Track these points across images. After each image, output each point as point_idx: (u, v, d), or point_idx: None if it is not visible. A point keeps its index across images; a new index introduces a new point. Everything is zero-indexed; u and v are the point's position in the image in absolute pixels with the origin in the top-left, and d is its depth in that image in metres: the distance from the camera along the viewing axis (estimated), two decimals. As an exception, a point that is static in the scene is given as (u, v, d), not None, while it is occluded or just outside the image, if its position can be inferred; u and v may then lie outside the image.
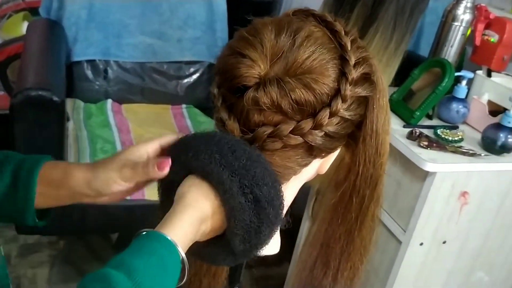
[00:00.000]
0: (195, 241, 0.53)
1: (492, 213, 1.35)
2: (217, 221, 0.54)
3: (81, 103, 2.25)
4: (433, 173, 1.21)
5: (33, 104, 1.47)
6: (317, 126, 0.55)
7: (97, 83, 2.30)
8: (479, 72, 1.49)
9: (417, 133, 1.29)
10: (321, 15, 0.60)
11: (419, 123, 1.40)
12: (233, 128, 0.57)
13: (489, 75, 1.47)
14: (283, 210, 0.55)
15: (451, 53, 1.53)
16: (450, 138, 1.32)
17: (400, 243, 1.32)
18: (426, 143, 1.26)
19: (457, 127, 1.41)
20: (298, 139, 0.55)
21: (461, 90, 1.41)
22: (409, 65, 1.49)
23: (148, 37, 2.32)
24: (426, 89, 1.44)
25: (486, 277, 1.48)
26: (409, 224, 1.29)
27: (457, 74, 1.41)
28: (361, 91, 0.57)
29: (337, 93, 0.55)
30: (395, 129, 1.35)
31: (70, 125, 2.06)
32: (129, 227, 1.79)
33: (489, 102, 1.44)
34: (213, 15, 2.37)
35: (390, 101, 1.49)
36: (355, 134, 0.61)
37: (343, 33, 0.58)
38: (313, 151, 0.58)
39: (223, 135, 0.55)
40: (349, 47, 0.57)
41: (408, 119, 1.39)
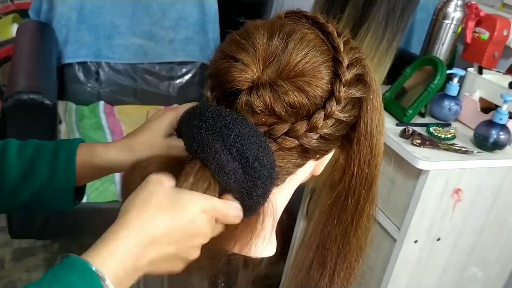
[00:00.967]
0: None
1: (485, 209, 1.36)
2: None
3: (73, 106, 2.24)
4: (426, 171, 1.21)
5: (25, 107, 1.47)
6: (312, 128, 0.55)
7: (89, 85, 2.29)
8: (471, 69, 1.50)
9: (410, 131, 1.29)
10: (314, 17, 0.60)
11: (412, 121, 1.41)
12: None
13: (480, 72, 1.47)
14: (275, 169, 0.55)
15: (442, 51, 1.54)
16: (442, 135, 1.33)
17: (394, 240, 1.33)
18: (419, 141, 1.26)
19: (449, 125, 1.41)
20: (293, 142, 0.55)
21: (453, 87, 1.42)
22: (401, 63, 1.49)
23: (139, 38, 2.32)
24: (418, 87, 1.45)
25: (480, 272, 1.49)
26: (403, 221, 1.29)
27: (448, 71, 1.41)
28: (355, 93, 0.57)
29: (331, 95, 0.55)
30: (388, 127, 1.36)
31: (62, 128, 2.05)
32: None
33: (481, 99, 1.45)
34: (205, 16, 2.37)
35: (382, 99, 1.51)
36: (349, 135, 0.61)
37: (336, 34, 0.58)
38: (308, 153, 0.58)
39: (204, 107, 0.55)
40: (342, 49, 0.57)
41: (400, 118, 1.40)
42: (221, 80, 0.56)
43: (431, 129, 1.35)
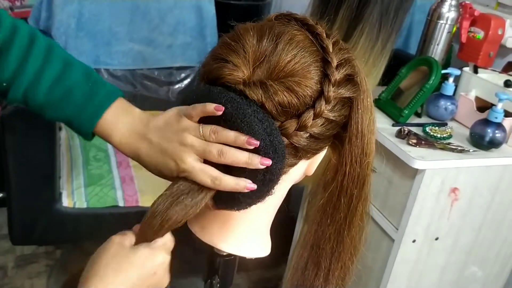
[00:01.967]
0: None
1: (483, 208, 1.36)
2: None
3: (73, 112, 2.25)
4: (423, 171, 1.22)
5: (24, 115, 1.48)
6: (302, 127, 0.56)
7: (89, 91, 2.30)
8: (466, 68, 1.51)
9: (406, 131, 1.30)
10: (303, 19, 0.61)
11: (408, 121, 1.41)
12: None
13: (476, 72, 1.48)
14: (285, 149, 0.56)
15: (437, 51, 1.55)
16: (438, 135, 1.33)
17: (392, 241, 1.33)
18: (415, 141, 1.27)
19: (445, 124, 1.42)
20: (283, 140, 0.56)
21: (449, 87, 1.43)
22: (398, 63, 1.50)
23: (137, 44, 2.33)
24: (414, 88, 1.46)
25: (479, 272, 1.49)
26: (401, 221, 1.30)
27: (444, 71, 1.42)
28: (345, 92, 0.58)
29: (320, 94, 0.56)
30: (384, 128, 1.36)
31: (62, 134, 2.06)
32: (124, 234, 1.79)
33: (477, 98, 1.45)
34: (203, 21, 2.38)
35: (378, 100, 1.52)
36: (340, 135, 0.62)
37: (325, 35, 0.58)
38: (299, 152, 0.59)
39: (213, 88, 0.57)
40: (331, 49, 0.57)
41: (396, 118, 1.41)
42: (212, 77, 0.57)
43: (427, 129, 1.35)
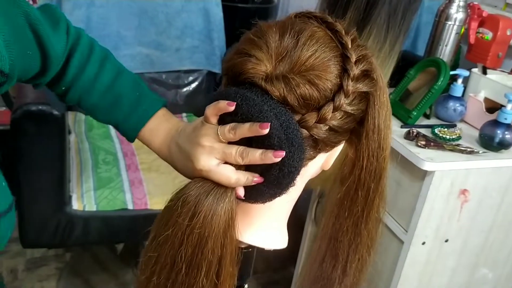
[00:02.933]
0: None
1: (493, 209, 1.35)
2: None
3: (82, 116, 2.27)
4: (432, 172, 1.21)
5: (34, 118, 1.49)
6: (321, 120, 0.58)
7: (97, 95, 2.32)
8: (475, 70, 1.50)
9: (415, 133, 1.30)
10: (323, 17, 0.63)
11: (417, 123, 1.41)
12: None
13: (485, 73, 1.47)
14: (303, 140, 0.58)
15: (446, 52, 1.54)
16: (447, 136, 1.33)
17: (402, 243, 1.33)
18: (423, 143, 1.26)
19: (454, 126, 1.41)
20: (303, 132, 0.58)
21: (457, 88, 1.42)
22: (407, 65, 1.50)
23: (145, 48, 2.34)
24: (422, 89, 1.45)
25: (490, 273, 1.48)
26: (410, 223, 1.29)
27: (452, 72, 1.42)
28: (362, 87, 0.60)
29: (339, 88, 0.58)
30: (392, 129, 1.36)
31: (72, 138, 2.08)
32: (134, 237, 1.80)
33: (486, 99, 1.45)
34: (210, 24, 2.39)
35: (387, 102, 1.51)
36: (357, 130, 0.64)
37: (344, 32, 0.61)
38: (318, 145, 0.61)
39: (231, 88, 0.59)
40: (350, 45, 0.60)
41: (405, 120, 1.40)
42: (236, 72, 0.59)
43: (436, 130, 1.35)
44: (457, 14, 1.50)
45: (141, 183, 1.86)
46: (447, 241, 1.34)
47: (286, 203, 0.67)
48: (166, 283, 0.58)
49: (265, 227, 0.66)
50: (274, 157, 0.55)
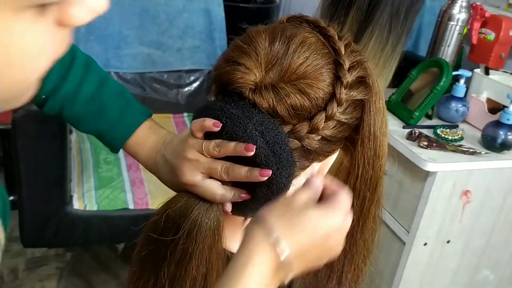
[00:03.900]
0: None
1: (495, 210, 1.35)
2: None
3: (83, 115, 2.26)
4: (434, 173, 1.21)
5: (34, 118, 1.49)
6: (313, 129, 0.56)
7: (99, 95, 2.32)
8: (477, 70, 1.50)
9: (417, 134, 1.29)
10: (315, 21, 0.61)
11: (419, 123, 1.40)
12: None
13: (487, 73, 1.47)
14: (293, 154, 0.56)
15: (448, 52, 1.54)
16: (450, 137, 1.32)
17: (404, 243, 1.32)
18: (426, 143, 1.26)
19: (457, 126, 1.41)
20: (295, 143, 0.56)
21: (460, 89, 1.42)
22: (409, 65, 1.49)
23: (147, 48, 2.34)
24: (424, 89, 1.45)
25: (491, 275, 1.48)
26: (412, 224, 1.29)
27: (454, 73, 1.41)
28: (357, 95, 0.58)
29: (332, 97, 0.56)
30: (394, 130, 1.36)
31: (73, 138, 2.07)
32: (134, 237, 1.80)
33: (488, 100, 1.44)
34: (211, 24, 2.39)
35: (389, 102, 1.51)
36: (352, 137, 0.61)
37: (337, 38, 0.58)
38: (311, 155, 0.59)
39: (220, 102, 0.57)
40: (343, 52, 0.57)
41: (407, 120, 1.40)
42: (224, 82, 0.57)
43: (438, 131, 1.34)
44: (459, 14, 1.50)
45: (142, 183, 1.86)
46: (448, 242, 1.34)
47: None
48: None
49: None
50: (260, 176, 0.53)
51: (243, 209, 0.58)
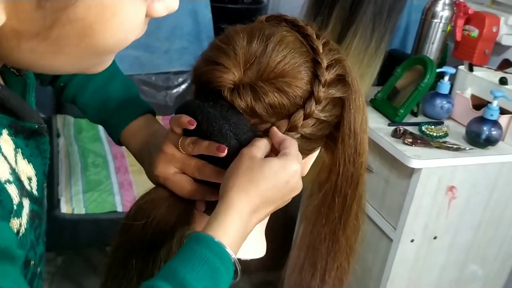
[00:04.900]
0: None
1: (481, 206, 1.36)
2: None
3: (71, 119, 2.25)
4: (419, 169, 1.22)
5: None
6: (292, 128, 0.56)
7: (87, 98, 2.31)
8: (461, 67, 1.50)
9: (402, 131, 1.30)
10: (293, 20, 0.61)
11: (405, 121, 1.41)
12: None
13: (471, 70, 1.48)
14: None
15: (432, 50, 1.55)
16: (434, 134, 1.33)
17: (391, 240, 1.33)
18: (410, 140, 1.27)
19: (442, 123, 1.42)
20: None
21: (444, 86, 1.43)
22: (396, 63, 1.50)
23: (134, 50, 2.33)
24: (409, 87, 1.46)
25: (479, 270, 1.49)
26: (399, 221, 1.29)
27: (439, 70, 1.42)
28: (335, 92, 0.58)
29: (310, 95, 0.56)
30: (380, 127, 1.36)
31: (61, 141, 2.06)
32: (124, 239, 1.79)
33: (473, 96, 1.45)
34: (199, 26, 2.39)
35: (374, 100, 1.52)
36: (333, 135, 0.62)
37: (315, 36, 0.59)
38: None
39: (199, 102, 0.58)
40: (321, 50, 0.58)
41: (392, 117, 1.40)
42: (204, 82, 0.57)
43: (423, 128, 1.35)
44: (443, 12, 1.51)
45: (131, 186, 1.86)
46: (435, 238, 1.34)
47: None
48: None
49: None
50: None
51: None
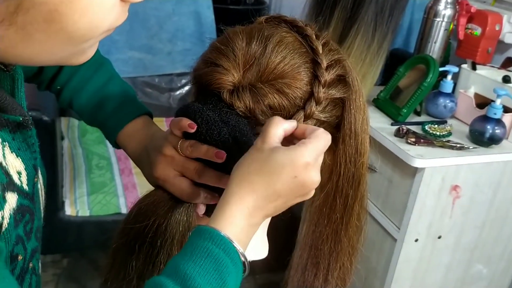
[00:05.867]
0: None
1: (485, 205, 1.35)
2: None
3: (75, 121, 2.26)
4: (422, 169, 1.21)
5: (24, 125, 1.49)
6: None
7: (91, 100, 2.32)
8: (464, 65, 1.50)
9: (404, 130, 1.30)
10: (292, 21, 0.61)
11: (408, 120, 1.41)
12: None
13: (474, 68, 1.47)
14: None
15: (435, 48, 1.54)
16: (438, 133, 1.32)
17: (395, 240, 1.32)
18: (413, 140, 1.26)
19: (445, 122, 1.41)
20: None
21: (447, 84, 1.42)
22: (399, 62, 1.50)
23: (137, 52, 2.34)
24: (412, 86, 1.45)
25: (484, 269, 1.48)
26: (403, 221, 1.29)
27: (441, 69, 1.42)
28: (336, 93, 0.58)
29: (310, 96, 0.56)
30: (383, 127, 1.36)
31: (65, 144, 2.07)
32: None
33: (476, 94, 1.45)
34: (202, 27, 2.39)
35: (377, 99, 1.51)
36: (334, 135, 0.61)
37: (314, 37, 0.58)
38: None
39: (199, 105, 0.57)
40: (321, 51, 0.57)
41: (395, 117, 1.40)
42: (203, 83, 0.57)
43: (426, 127, 1.35)
44: (445, 10, 1.50)
45: (134, 187, 1.86)
46: (440, 237, 1.34)
47: None
48: None
49: None
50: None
51: None
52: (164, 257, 0.55)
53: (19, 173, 0.47)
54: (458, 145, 1.26)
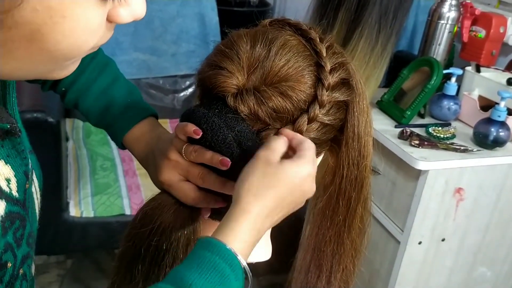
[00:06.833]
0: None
1: (489, 207, 1.35)
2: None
3: (80, 123, 2.27)
4: (426, 171, 1.21)
5: (28, 126, 1.49)
6: (297, 133, 0.56)
7: (95, 101, 2.33)
8: (468, 68, 1.50)
9: (408, 133, 1.29)
10: (296, 24, 0.61)
11: (412, 122, 1.41)
12: None
13: (478, 71, 1.47)
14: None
15: (439, 51, 1.54)
16: (441, 135, 1.32)
17: (398, 243, 1.32)
18: (417, 142, 1.26)
19: (449, 124, 1.41)
20: None
21: (451, 87, 1.42)
22: (403, 64, 1.50)
23: (141, 54, 2.35)
24: (416, 89, 1.45)
25: (488, 272, 1.48)
26: (406, 223, 1.29)
27: (445, 71, 1.42)
28: (339, 96, 0.58)
29: (314, 99, 0.56)
30: (387, 129, 1.36)
31: (69, 145, 2.08)
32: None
33: (480, 97, 1.45)
34: (206, 29, 2.40)
35: (381, 101, 1.51)
36: (338, 138, 0.62)
37: (318, 40, 0.59)
38: None
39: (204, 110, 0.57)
40: (324, 54, 0.58)
41: (399, 119, 1.40)
42: (208, 86, 0.57)
43: (430, 129, 1.35)
44: (449, 13, 1.50)
45: (138, 189, 1.87)
46: (443, 240, 1.34)
47: None
48: None
49: None
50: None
51: (220, 215, 0.58)
52: (169, 260, 0.55)
53: (8, 180, 0.47)
54: (462, 148, 1.26)
